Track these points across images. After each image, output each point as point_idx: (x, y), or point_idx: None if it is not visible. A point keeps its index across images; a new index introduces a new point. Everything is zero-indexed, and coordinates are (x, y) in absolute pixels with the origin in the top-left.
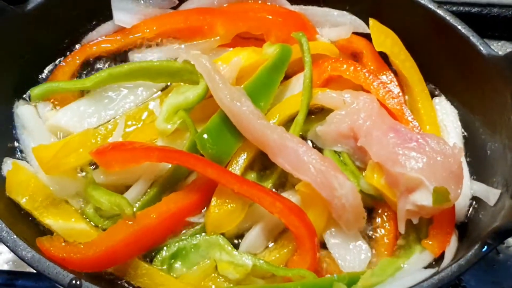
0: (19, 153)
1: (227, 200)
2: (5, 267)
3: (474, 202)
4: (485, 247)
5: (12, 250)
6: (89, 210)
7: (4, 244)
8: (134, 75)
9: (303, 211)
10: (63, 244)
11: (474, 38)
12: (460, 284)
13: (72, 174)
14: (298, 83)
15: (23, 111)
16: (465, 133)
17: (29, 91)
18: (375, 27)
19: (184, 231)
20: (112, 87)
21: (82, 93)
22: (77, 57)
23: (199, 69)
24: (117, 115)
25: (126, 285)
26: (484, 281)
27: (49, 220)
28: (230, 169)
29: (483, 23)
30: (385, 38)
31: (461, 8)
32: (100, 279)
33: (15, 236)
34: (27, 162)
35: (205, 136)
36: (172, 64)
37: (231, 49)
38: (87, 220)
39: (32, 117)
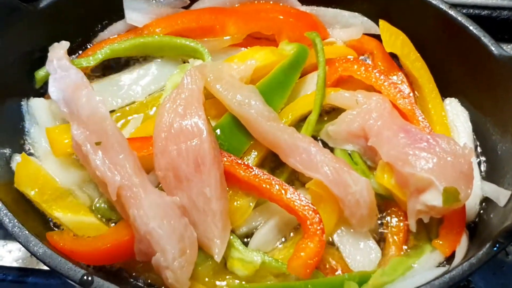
0: (29, 150)
1: (234, 197)
2: (15, 265)
3: (484, 202)
4: (496, 246)
5: (24, 246)
6: (101, 205)
7: (16, 240)
8: (136, 49)
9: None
10: (73, 237)
11: (485, 39)
12: (468, 286)
13: (76, 163)
14: (312, 82)
15: (36, 104)
16: (476, 134)
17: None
18: (385, 28)
19: None
20: (121, 77)
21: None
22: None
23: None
24: (125, 104)
25: (134, 280)
26: (492, 283)
27: (58, 213)
28: None
29: (493, 26)
30: (395, 39)
31: (471, 10)
32: (109, 273)
33: (27, 232)
34: (36, 157)
35: (218, 131)
36: (174, 39)
37: (243, 48)
38: (98, 214)
39: (45, 111)
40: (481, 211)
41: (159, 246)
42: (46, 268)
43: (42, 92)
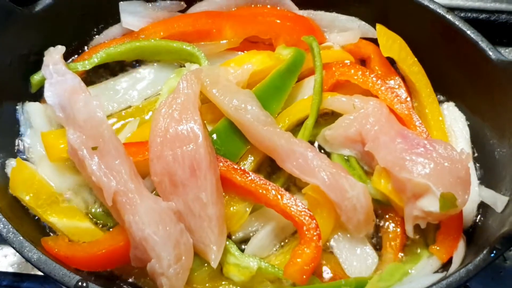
0: (24, 155)
1: (231, 202)
2: (10, 270)
3: (481, 208)
4: (494, 252)
5: (18, 251)
6: (96, 210)
7: (11, 245)
8: (132, 53)
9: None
10: (68, 243)
11: (483, 43)
12: None
13: (72, 167)
14: (309, 86)
15: (31, 108)
16: (473, 139)
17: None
18: (382, 32)
19: None
20: (117, 81)
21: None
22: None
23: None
24: (121, 108)
25: (129, 286)
26: None
27: (53, 218)
28: None
29: (491, 30)
30: (392, 43)
31: (469, 14)
32: (104, 279)
33: (21, 238)
34: (31, 162)
35: (214, 136)
36: (170, 43)
37: (239, 53)
38: (94, 219)
39: (40, 115)
40: (479, 217)
41: (154, 253)
42: (41, 273)
43: (38, 96)
